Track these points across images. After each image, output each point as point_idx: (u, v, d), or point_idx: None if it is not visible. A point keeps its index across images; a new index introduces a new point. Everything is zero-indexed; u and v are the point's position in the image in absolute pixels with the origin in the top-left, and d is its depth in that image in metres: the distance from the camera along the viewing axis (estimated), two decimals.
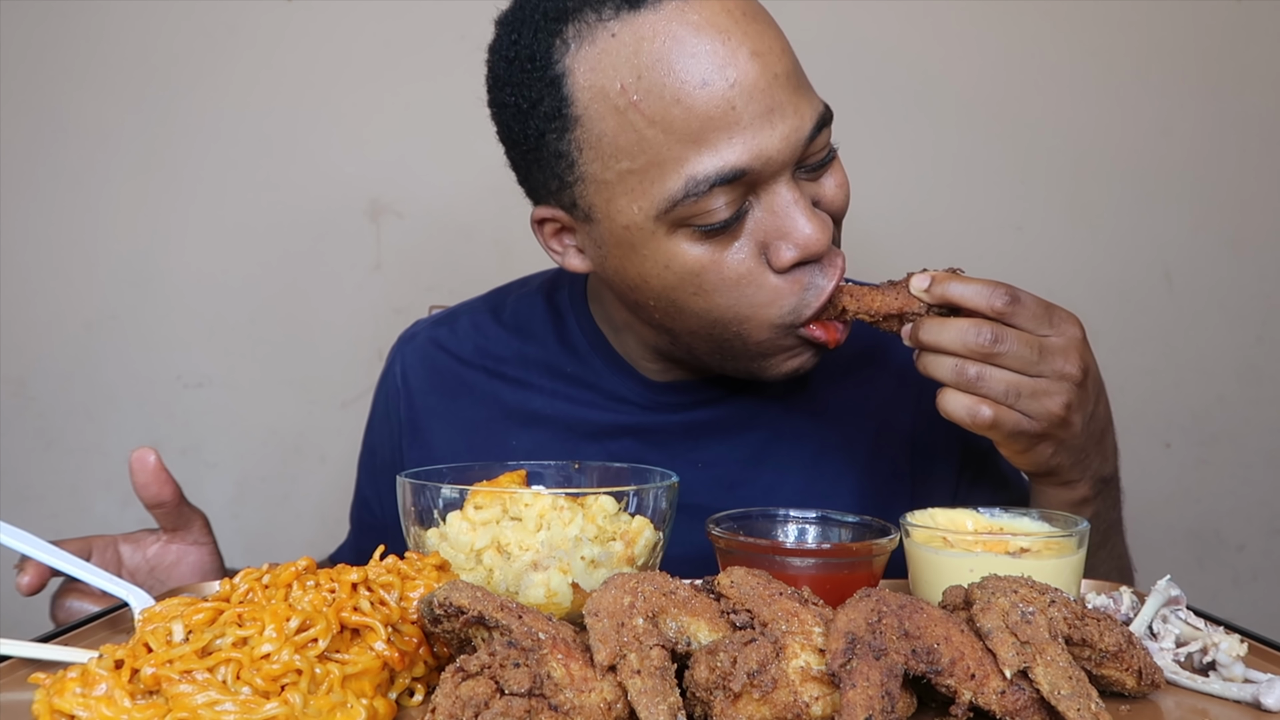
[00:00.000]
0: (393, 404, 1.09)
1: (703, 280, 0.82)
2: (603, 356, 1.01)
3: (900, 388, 1.03)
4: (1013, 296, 0.78)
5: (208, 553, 0.91)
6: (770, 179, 0.80)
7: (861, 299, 0.82)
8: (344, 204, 1.67)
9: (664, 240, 0.81)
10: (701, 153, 0.77)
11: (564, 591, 0.67)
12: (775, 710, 0.49)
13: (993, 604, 0.54)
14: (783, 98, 0.79)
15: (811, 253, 0.81)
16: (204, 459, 1.65)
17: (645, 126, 0.77)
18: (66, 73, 1.62)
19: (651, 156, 0.78)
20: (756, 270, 0.82)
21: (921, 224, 1.73)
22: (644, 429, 1.00)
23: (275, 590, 0.59)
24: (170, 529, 0.89)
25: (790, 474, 1.00)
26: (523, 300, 1.08)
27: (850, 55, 1.70)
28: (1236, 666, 0.60)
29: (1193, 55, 1.74)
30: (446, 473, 0.80)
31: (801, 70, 0.83)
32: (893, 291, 0.82)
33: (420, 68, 1.65)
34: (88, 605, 0.81)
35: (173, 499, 0.86)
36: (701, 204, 0.78)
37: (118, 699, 0.50)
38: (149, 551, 0.89)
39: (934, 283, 0.79)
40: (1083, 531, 0.72)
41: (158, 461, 0.84)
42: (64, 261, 1.62)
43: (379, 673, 0.55)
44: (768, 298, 0.82)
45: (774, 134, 0.78)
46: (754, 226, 0.81)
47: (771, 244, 0.81)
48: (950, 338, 0.77)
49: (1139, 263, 1.76)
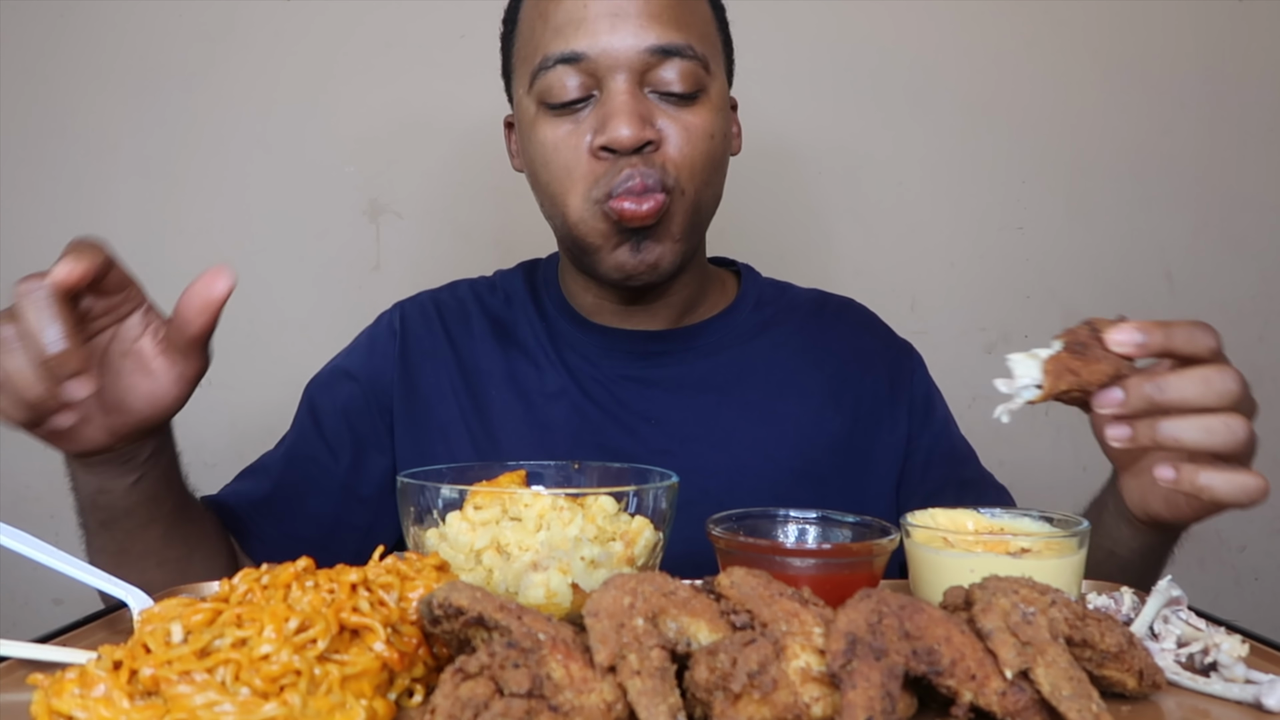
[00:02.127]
0: (383, 346, 1.11)
1: (547, 153, 0.97)
2: (567, 318, 1.11)
3: (854, 358, 1.12)
4: (1215, 333, 0.69)
5: (174, 395, 0.80)
6: (609, 74, 0.93)
7: (1080, 373, 0.67)
8: (344, 204, 1.67)
9: (534, 118, 0.97)
10: (558, 38, 0.94)
11: (564, 592, 0.67)
12: (775, 711, 0.49)
13: (993, 604, 0.54)
14: (633, 11, 0.93)
15: (615, 142, 0.92)
16: (204, 459, 1.64)
17: (535, 19, 0.97)
18: (66, 73, 1.62)
19: (535, 44, 0.96)
20: (579, 148, 0.95)
21: (922, 224, 1.74)
22: (605, 383, 1.07)
23: (274, 591, 0.59)
24: (176, 347, 0.79)
25: (743, 429, 1.06)
26: (507, 277, 1.18)
27: (850, 55, 1.70)
28: (1238, 667, 0.60)
29: (1193, 55, 1.74)
30: (446, 473, 0.80)
31: (685, 11, 0.96)
32: (1094, 355, 0.67)
33: (420, 68, 1.65)
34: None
35: (203, 334, 0.78)
36: (549, 79, 0.94)
37: (116, 700, 0.50)
38: (142, 341, 0.79)
39: (1146, 334, 0.66)
40: (1083, 532, 0.72)
41: (225, 294, 0.76)
42: None
43: (378, 673, 0.55)
44: (582, 172, 0.95)
45: (613, 35, 0.92)
46: (590, 114, 0.95)
47: (595, 131, 0.94)
48: (1200, 391, 0.66)
49: (1139, 263, 1.76)
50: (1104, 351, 0.66)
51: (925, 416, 1.12)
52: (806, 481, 1.04)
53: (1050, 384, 0.67)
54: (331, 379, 1.12)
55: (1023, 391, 0.68)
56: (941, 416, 1.14)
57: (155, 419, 0.81)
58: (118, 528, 0.85)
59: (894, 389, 1.11)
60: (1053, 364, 0.67)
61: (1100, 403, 0.67)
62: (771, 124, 1.63)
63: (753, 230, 1.65)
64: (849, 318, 1.18)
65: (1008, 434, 1.74)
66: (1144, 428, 0.67)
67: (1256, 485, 0.67)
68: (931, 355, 1.19)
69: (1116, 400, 0.66)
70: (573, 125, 0.95)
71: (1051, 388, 0.67)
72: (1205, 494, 0.67)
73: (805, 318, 1.15)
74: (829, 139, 1.71)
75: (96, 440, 0.79)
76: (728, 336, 1.10)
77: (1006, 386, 0.69)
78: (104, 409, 0.78)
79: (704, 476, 0.96)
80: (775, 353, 1.11)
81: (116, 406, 0.79)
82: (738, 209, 1.25)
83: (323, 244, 1.67)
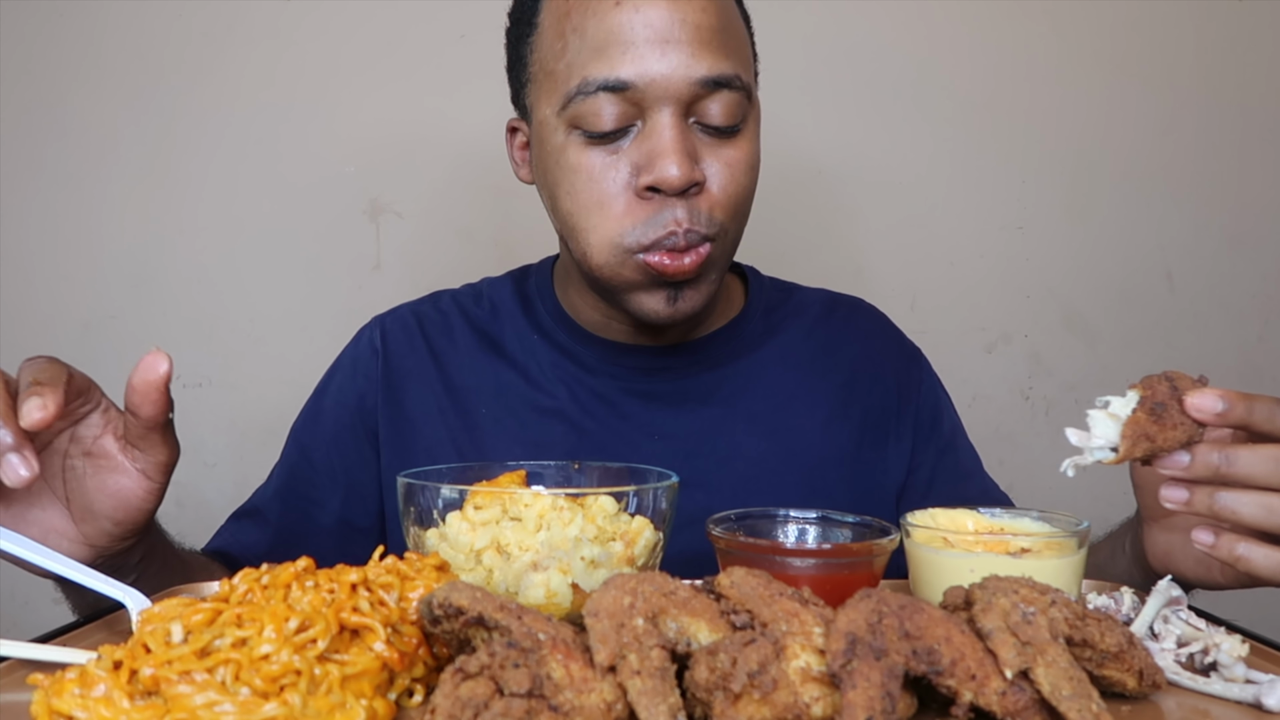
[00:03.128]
0: (365, 367, 1.08)
1: (575, 179, 0.90)
2: (566, 330, 1.07)
3: (864, 363, 1.10)
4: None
5: (145, 490, 0.76)
6: (654, 106, 0.86)
7: (1156, 439, 0.64)
8: (344, 204, 1.67)
9: (563, 139, 0.90)
10: (599, 60, 0.86)
11: (564, 592, 0.67)
12: (775, 711, 0.49)
13: (993, 604, 0.54)
14: (684, 38, 0.86)
15: (664, 184, 0.86)
16: (203, 459, 1.65)
17: (569, 33, 0.88)
18: (66, 72, 1.62)
19: (568, 59, 0.88)
20: (618, 184, 0.88)
21: (922, 224, 1.74)
22: (606, 398, 1.04)
23: (274, 591, 0.59)
24: (134, 439, 0.75)
25: (748, 444, 1.04)
26: (494, 285, 1.14)
27: (850, 55, 1.70)
28: (1238, 667, 0.60)
29: (1193, 55, 1.74)
30: (446, 473, 0.80)
31: (730, 36, 0.89)
32: (1171, 420, 0.64)
33: (420, 68, 1.65)
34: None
35: (155, 420, 0.73)
36: (588, 105, 0.86)
37: (116, 700, 0.50)
38: (104, 440, 0.76)
39: (1228, 403, 0.63)
40: (1083, 532, 0.72)
41: (167, 375, 0.72)
42: (63, 261, 1.62)
43: (378, 673, 0.55)
44: (616, 212, 0.88)
45: (662, 62, 0.85)
46: (632, 147, 0.88)
47: (639, 167, 0.87)
48: (1268, 470, 0.63)
49: (1139, 263, 1.76)
50: (1181, 416, 0.64)
51: (931, 430, 1.10)
52: (813, 497, 1.01)
53: (1126, 449, 0.64)
54: (315, 413, 1.09)
55: (1096, 451, 0.66)
56: (948, 429, 1.11)
57: (130, 520, 0.76)
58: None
59: (902, 400, 1.09)
60: (1130, 428, 0.64)
61: (1165, 465, 0.65)
62: (771, 124, 1.63)
63: (753, 230, 1.63)
64: (859, 321, 1.14)
65: (1008, 434, 1.75)
66: (1202, 495, 0.65)
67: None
68: (931, 355, 1.19)
69: (1181, 465, 0.64)
70: (610, 157, 0.88)
71: (1127, 453, 0.64)
72: (1241, 564, 0.66)
73: (814, 322, 1.12)
74: (828, 139, 1.71)
75: (78, 556, 0.75)
76: (734, 348, 1.07)
77: (1079, 440, 0.67)
78: (75, 518, 0.76)
79: (708, 493, 0.95)
80: (782, 362, 1.08)
81: (86, 513, 0.75)
82: None
83: (323, 244, 1.67)
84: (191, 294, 1.65)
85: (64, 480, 0.76)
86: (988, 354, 1.74)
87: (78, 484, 0.76)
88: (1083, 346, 1.75)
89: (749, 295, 1.12)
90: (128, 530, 0.77)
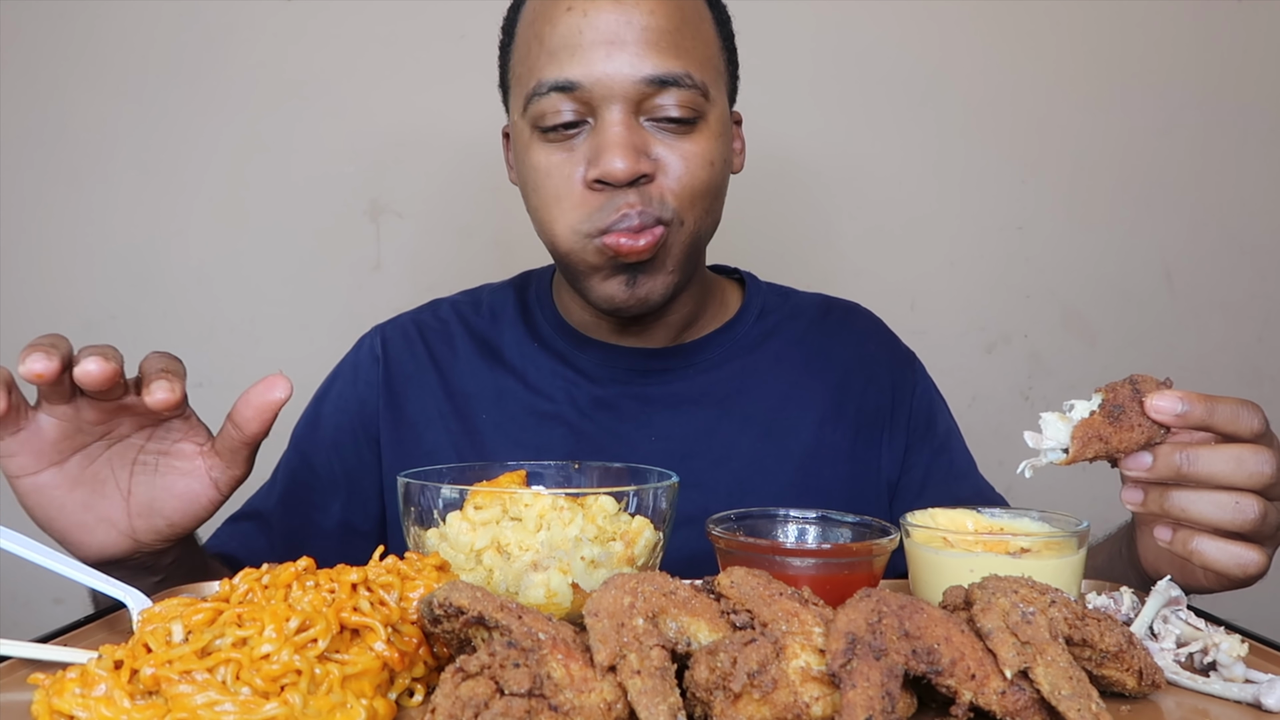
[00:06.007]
0: (366, 374, 1.10)
1: (537, 175, 0.95)
2: (564, 335, 1.09)
3: (858, 367, 1.11)
4: (1261, 412, 0.67)
5: (209, 500, 0.79)
6: (603, 104, 0.91)
7: (1110, 440, 0.66)
8: (344, 204, 1.67)
9: (528, 139, 0.95)
10: (552, 63, 0.92)
11: (564, 592, 0.67)
12: (775, 710, 0.49)
13: (993, 604, 0.54)
14: (630, 39, 0.90)
15: (608, 176, 0.90)
16: None
17: (531, 39, 0.94)
18: (66, 72, 1.62)
19: (530, 64, 0.94)
20: (572, 178, 0.93)
21: (922, 224, 1.74)
22: (603, 401, 1.06)
23: (275, 590, 0.59)
24: (225, 450, 0.78)
25: (744, 444, 1.05)
26: (496, 293, 1.16)
27: (851, 56, 1.70)
28: (1237, 667, 0.60)
29: (1193, 55, 1.74)
30: (446, 473, 0.80)
31: (685, 36, 0.93)
32: (1129, 422, 0.66)
33: (420, 68, 1.65)
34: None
35: (257, 438, 0.77)
36: (543, 105, 0.92)
37: (117, 699, 0.50)
38: (184, 444, 0.78)
39: (1188, 404, 0.64)
40: (1082, 532, 0.72)
41: (284, 400, 0.74)
42: (63, 261, 1.62)
43: (379, 673, 0.55)
44: (573, 203, 0.93)
45: (608, 63, 0.90)
46: (584, 144, 0.93)
47: (589, 161, 0.92)
48: (1229, 470, 0.65)
49: (1139, 263, 1.76)
50: (1140, 418, 0.65)
51: (925, 432, 1.11)
52: (808, 496, 1.02)
53: (1076, 450, 0.66)
54: (315, 419, 1.10)
55: (1049, 453, 0.67)
56: (943, 431, 1.13)
57: (184, 524, 0.79)
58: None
59: (895, 402, 1.10)
60: (1081, 430, 0.66)
61: (1127, 465, 0.66)
62: (771, 125, 1.63)
63: (753, 232, 1.65)
64: (853, 324, 1.16)
65: (1007, 433, 1.74)
66: (1154, 495, 0.67)
67: (1252, 558, 0.66)
68: (931, 355, 1.19)
69: (1144, 466, 0.66)
70: (566, 153, 0.93)
71: (1077, 454, 0.66)
72: (1195, 558, 0.67)
73: (809, 325, 1.13)
74: (829, 139, 1.72)
75: (118, 547, 0.77)
76: (729, 350, 1.09)
77: (1034, 442, 0.68)
78: (131, 512, 0.78)
79: (704, 494, 0.95)
80: (777, 363, 1.09)
81: (146, 508, 0.78)
82: (738, 212, 1.25)
83: (323, 244, 1.67)
84: (191, 294, 1.65)
85: (131, 473, 0.78)
86: (987, 354, 1.74)
87: (147, 480, 0.78)
88: (1082, 346, 1.75)
89: (744, 299, 1.14)
90: (178, 532, 0.79)
